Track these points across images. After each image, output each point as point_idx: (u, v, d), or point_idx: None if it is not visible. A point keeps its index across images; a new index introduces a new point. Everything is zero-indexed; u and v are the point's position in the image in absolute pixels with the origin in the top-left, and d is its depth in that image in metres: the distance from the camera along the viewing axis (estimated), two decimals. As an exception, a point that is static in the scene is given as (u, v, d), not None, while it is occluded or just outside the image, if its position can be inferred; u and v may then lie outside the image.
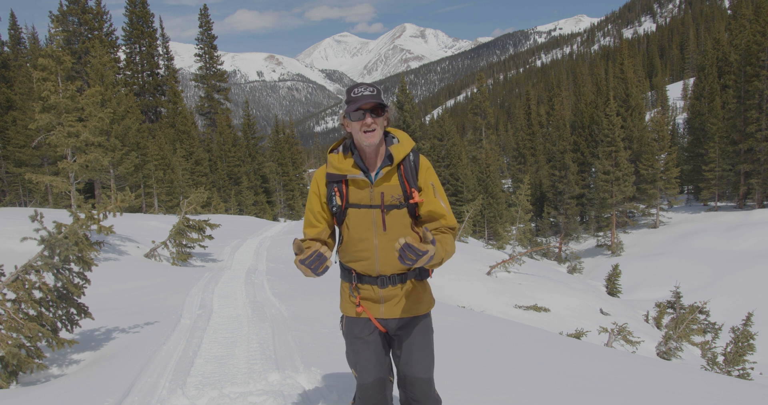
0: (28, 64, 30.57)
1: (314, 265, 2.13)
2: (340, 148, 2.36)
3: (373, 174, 2.28)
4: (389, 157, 2.28)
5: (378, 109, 2.21)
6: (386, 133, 2.35)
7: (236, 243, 16.42)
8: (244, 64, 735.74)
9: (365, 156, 2.29)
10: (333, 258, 2.49)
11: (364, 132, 2.20)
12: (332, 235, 2.45)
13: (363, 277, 2.37)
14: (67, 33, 36.44)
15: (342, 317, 2.52)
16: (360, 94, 2.19)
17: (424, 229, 2.04)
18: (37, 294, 4.82)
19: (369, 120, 2.18)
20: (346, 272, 2.43)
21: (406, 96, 40.83)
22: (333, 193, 2.32)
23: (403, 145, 2.31)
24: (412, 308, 2.38)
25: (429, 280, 2.50)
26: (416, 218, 2.35)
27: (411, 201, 2.28)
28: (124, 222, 14.72)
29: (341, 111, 2.27)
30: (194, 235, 12.71)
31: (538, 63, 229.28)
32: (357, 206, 2.30)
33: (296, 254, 2.17)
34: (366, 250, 2.31)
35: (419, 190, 2.30)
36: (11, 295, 5.00)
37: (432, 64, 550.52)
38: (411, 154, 2.32)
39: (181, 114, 40.11)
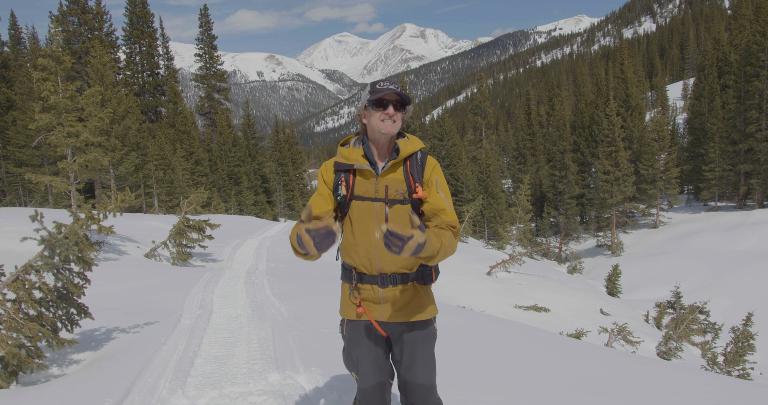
0: (28, 64, 30.59)
1: (318, 239, 1.97)
2: (352, 142, 2.40)
3: (380, 167, 2.31)
4: (396, 151, 2.32)
5: (399, 104, 2.27)
6: (399, 133, 2.39)
7: (236, 243, 16.42)
8: (244, 64, 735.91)
9: (376, 149, 2.32)
10: (334, 256, 2.49)
11: (383, 121, 2.25)
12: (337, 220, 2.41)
13: (363, 275, 2.34)
14: (67, 33, 36.45)
15: (342, 321, 2.50)
16: (385, 86, 2.27)
17: (410, 213, 2.00)
18: (37, 294, 4.83)
19: (391, 110, 2.24)
20: (347, 272, 2.40)
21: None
22: (339, 182, 2.33)
23: (412, 142, 2.35)
24: (413, 312, 2.35)
25: (432, 285, 2.46)
26: (420, 215, 2.34)
27: (414, 195, 2.27)
28: (124, 222, 14.73)
29: (360, 103, 2.32)
30: (194, 235, 12.71)
31: (538, 63, 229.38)
32: (361, 198, 2.30)
33: (301, 221, 2.04)
34: (367, 244, 2.30)
35: (423, 186, 2.31)
36: (11, 295, 5.00)
37: (432, 64, 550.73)
38: (419, 152, 2.36)
39: (181, 114, 40.12)
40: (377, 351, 2.39)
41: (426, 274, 2.37)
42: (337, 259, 2.46)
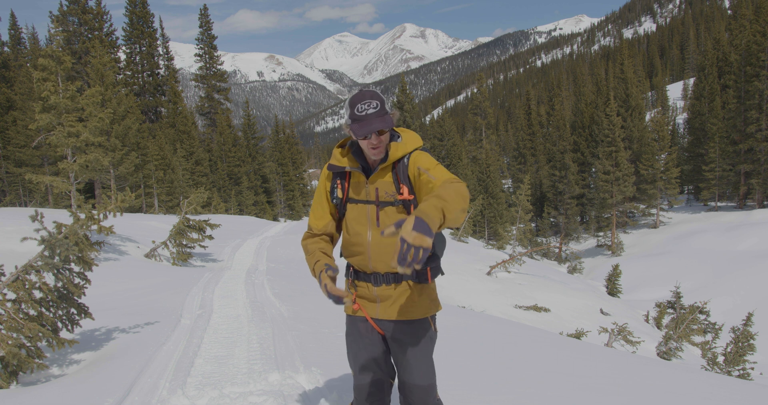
0: (28, 64, 30.58)
1: (327, 293, 2.25)
2: (348, 144, 2.40)
3: (372, 169, 2.32)
4: (386, 155, 2.29)
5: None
6: (393, 133, 2.34)
7: (236, 243, 16.42)
8: (245, 64, 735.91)
9: (367, 154, 2.32)
10: (339, 253, 2.53)
11: (371, 148, 2.21)
12: (338, 228, 2.49)
13: (359, 273, 2.38)
14: (67, 33, 36.45)
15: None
16: (364, 112, 2.14)
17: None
18: (38, 294, 4.83)
19: (375, 140, 2.19)
20: (347, 268, 2.45)
21: (407, 96, 40.85)
22: (335, 186, 2.38)
23: (404, 144, 2.29)
24: (407, 311, 2.34)
25: (430, 284, 2.43)
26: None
27: (399, 197, 2.27)
28: (124, 222, 14.73)
29: (344, 120, 2.24)
30: (194, 235, 12.71)
31: (539, 63, 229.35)
32: (355, 201, 2.34)
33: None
34: (360, 245, 2.33)
35: (409, 185, 2.26)
36: (11, 295, 5.00)
37: (432, 64, 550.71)
38: (409, 155, 2.29)
39: (181, 114, 40.11)
40: (374, 348, 2.40)
41: (421, 273, 2.34)
42: (341, 256, 2.50)
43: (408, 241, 1.67)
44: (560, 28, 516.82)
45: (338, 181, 2.37)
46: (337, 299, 2.22)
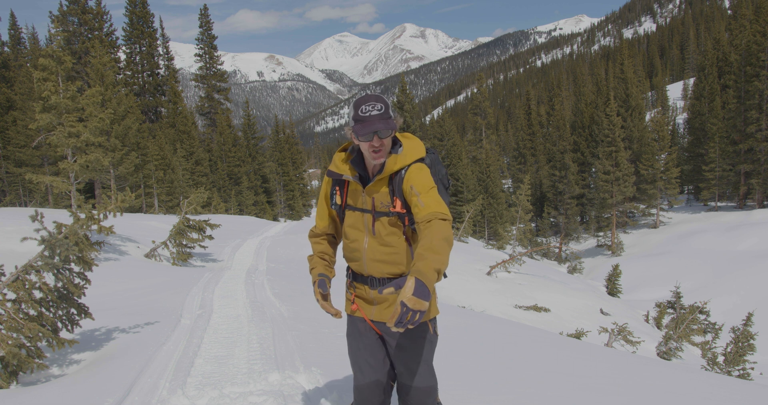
0: (28, 64, 30.58)
1: (320, 304, 2.44)
2: (349, 149, 2.39)
3: (370, 178, 2.31)
4: (383, 167, 2.26)
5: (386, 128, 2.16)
6: (394, 141, 2.31)
7: (236, 243, 16.42)
8: (245, 64, 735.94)
9: (367, 161, 2.30)
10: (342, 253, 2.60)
11: (372, 151, 2.19)
12: (340, 228, 2.55)
13: (357, 275, 2.42)
14: (68, 33, 36.47)
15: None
16: (368, 113, 2.13)
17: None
18: (38, 294, 4.83)
19: (377, 143, 2.16)
20: (346, 270, 2.48)
21: (407, 96, 40.86)
22: (334, 192, 2.41)
23: (403, 156, 2.25)
24: None
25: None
26: (406, 225, 2.30)
27: (391, 209, 2.26)
28: (124, 222, 14.74)
29: (347, 122, 2.22)
30: (194, 235, 12.72)
31: (539, 63, 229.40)
32: (352, 208, 2.36)
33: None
34: (357, 251, 2.36)
35: (402, 199, 2.25)
36: (11, 295, 5.01)
37: (432, 64, 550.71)
38: (407, 167, 2.24)
39: (182, 114, 40.11)
40: (373, 348, 2.40)
41: None
42: (343, 257, 2.53)
43: (408, 306, 1.74)
44: (560, 28, 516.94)
45: (337, 188, 2.39)
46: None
